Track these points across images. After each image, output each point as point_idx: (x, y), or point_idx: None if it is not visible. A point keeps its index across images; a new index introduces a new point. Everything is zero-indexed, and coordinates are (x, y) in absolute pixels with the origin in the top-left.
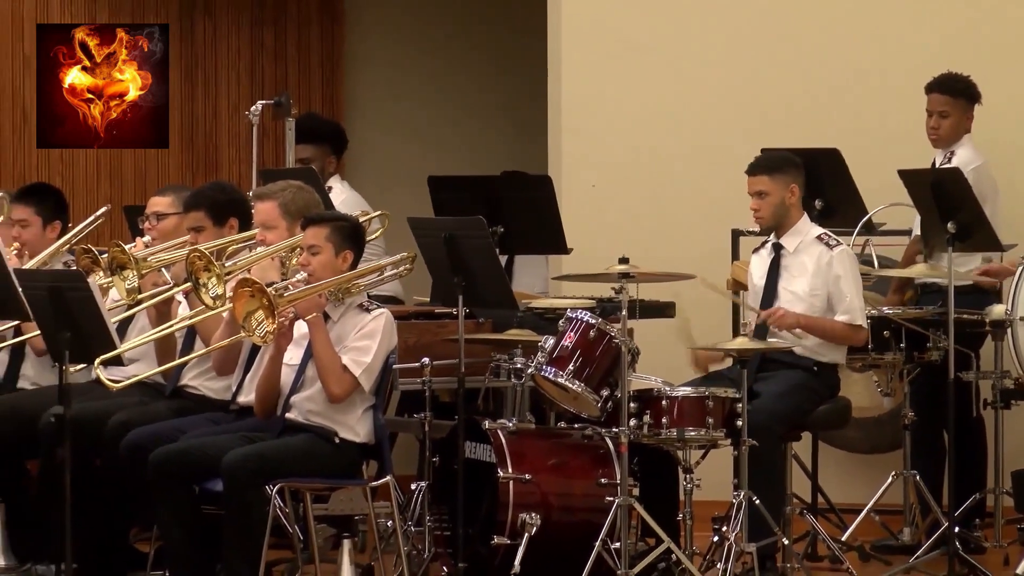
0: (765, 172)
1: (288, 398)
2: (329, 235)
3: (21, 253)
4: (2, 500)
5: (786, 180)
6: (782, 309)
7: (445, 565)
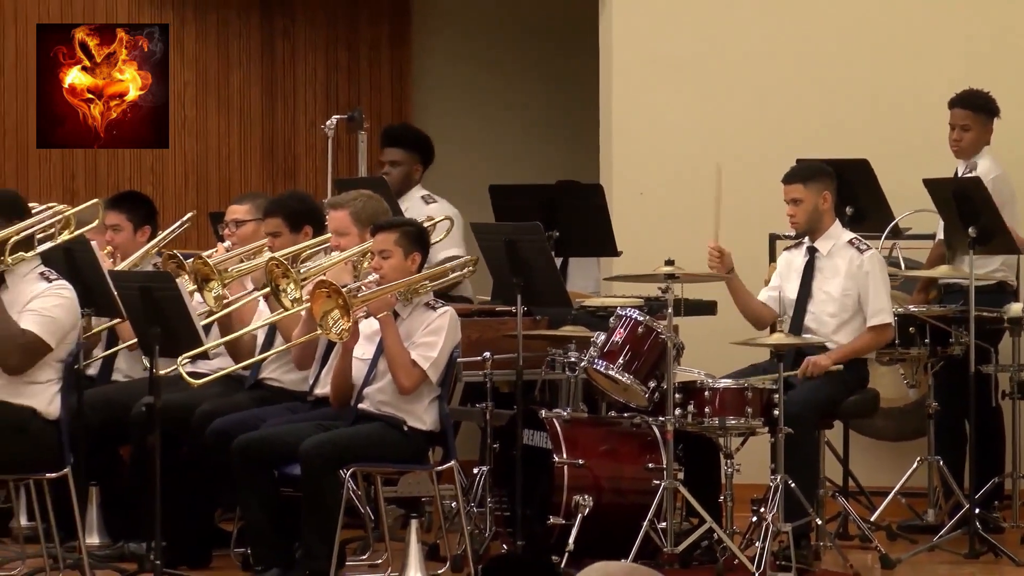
0: (800, 181)
1: (361, 390)
2: (398, 239)
3: (113, 255)
4: (97, 483)
5: (819, 188)
6: (813, 358)
7: (505, 543)
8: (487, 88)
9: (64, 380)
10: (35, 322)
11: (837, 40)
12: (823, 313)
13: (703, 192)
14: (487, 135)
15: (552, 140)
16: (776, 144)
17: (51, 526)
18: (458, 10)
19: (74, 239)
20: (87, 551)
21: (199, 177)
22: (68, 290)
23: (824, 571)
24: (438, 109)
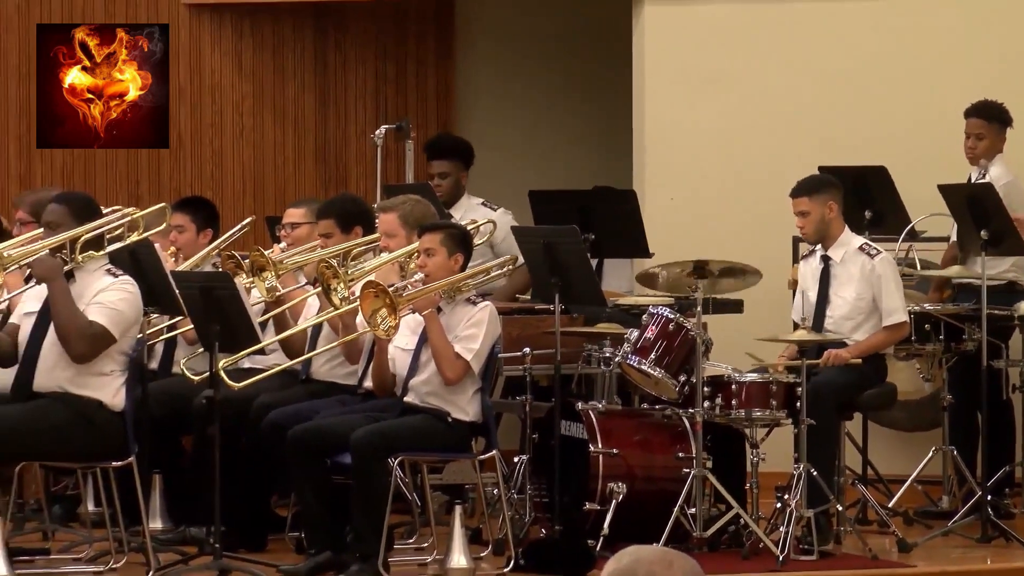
0: (805, 194)
1: (406, 382)
2: (443, 240)
3: (176, 256)
4: (160, 471)
5: (824, 199)
6: (834, 351)
7: (543, 528)
8: (526, 99)
9: (128, 373)
10: (101, 314)
11: (857, 55)
12: (840, 316)
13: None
14: (526, 143)
15: (588, 148)
16: (799, 152)
17: (116, 512)
18: (499, 26)
19: (139, 241)
20: (150, 535)
21: (256, 183)
22: (132, 285)
23: (844, 554)
24: (480, 119)
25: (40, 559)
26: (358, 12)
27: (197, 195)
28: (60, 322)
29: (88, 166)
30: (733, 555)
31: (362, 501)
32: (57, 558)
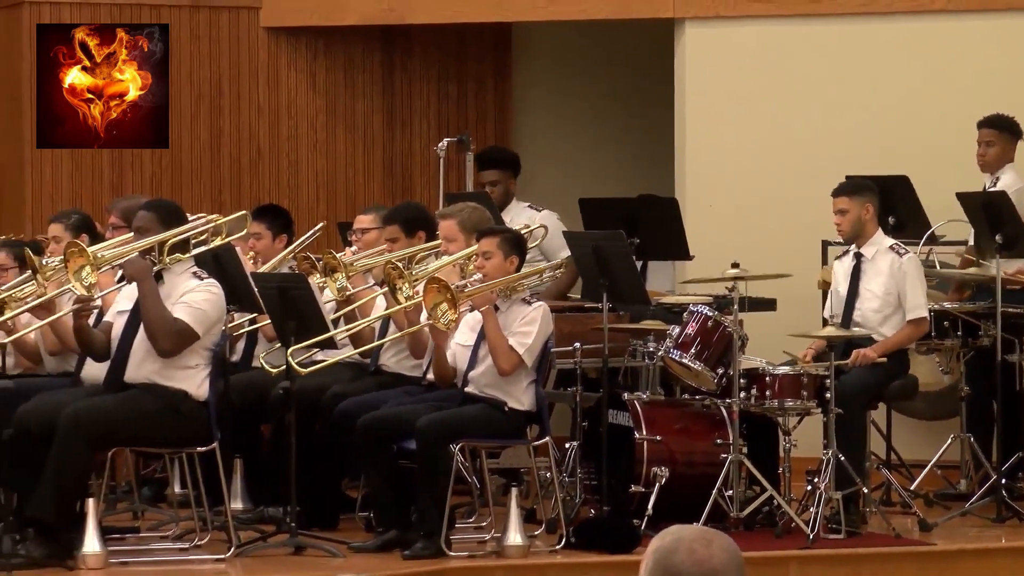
0: (846, 194)
1: (466, 374)
2: (500, 244)
3: (255, 260)
4: (241, 456)
5: (862, 200)
6: (862, 351)
7: (592, 508)
8: (577, 114)
9: (212, 366)
10: (186, 312)
11: (881, 73)
12: (868, 309)
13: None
14: (577, 155)
15: (633, 159)
16: (828, 162)
17: (201, 493)
18: (551, 48)
19: (222, 245)
20: (232, 515)
21: (329, 192)
22: (216, 287)
23: (870, 533)
24: (534, 133)
25: (130, 537)
26: (423, 36)
27: (273, 203)
28: (148, 320)
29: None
30: (767, 534)
31: (426, 483)
32: (146, 536)
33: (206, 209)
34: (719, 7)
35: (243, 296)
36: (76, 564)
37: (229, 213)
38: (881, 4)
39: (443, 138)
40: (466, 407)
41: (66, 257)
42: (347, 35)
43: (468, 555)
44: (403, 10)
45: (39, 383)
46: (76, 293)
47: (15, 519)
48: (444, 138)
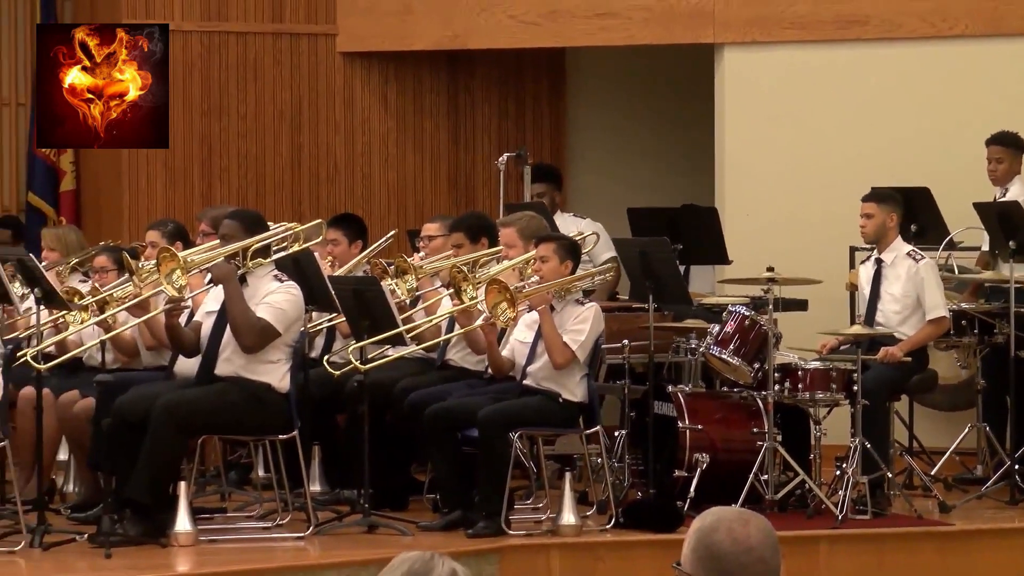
0: (874, 200)
1: (524, 369)
2: (556, 249)
3: (333, 264)
4: (319, 443)
5: (888, 209)
6: (890, 349)
7: (639, 491)
8: (626, 130)
9: (293, 361)
10: (268, 312)
11: (903, 93)
12: (889, 310)
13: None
14: (626, 168)
15: (677, 172)
16: (854, 175)
17: (283, 477)
18: (602, 70)
19: (302, 250)
20: (310, 496)
21: (399, 202)
22: (296, 289)
23: (894, 514)
24: (587, 148)
25: (218, 517)
26: (484, 60)
27: (349, 212)
28: (234, 319)
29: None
30: (799, 515)
31: (487, 468)
32: (232, 516)
33: (288, 218)
34: (755, 33)
35: (321, 297)
36: (169, 542)
37: (308, 222)
38: (903, 30)
39: (503, 153)
40: (524, 399)
41: (159, 261)
42: (416, 59)
43: (526, 534)
44: (467, 37)
45: (135, 376)
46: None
47: (114, 501)
48: (504, 153)
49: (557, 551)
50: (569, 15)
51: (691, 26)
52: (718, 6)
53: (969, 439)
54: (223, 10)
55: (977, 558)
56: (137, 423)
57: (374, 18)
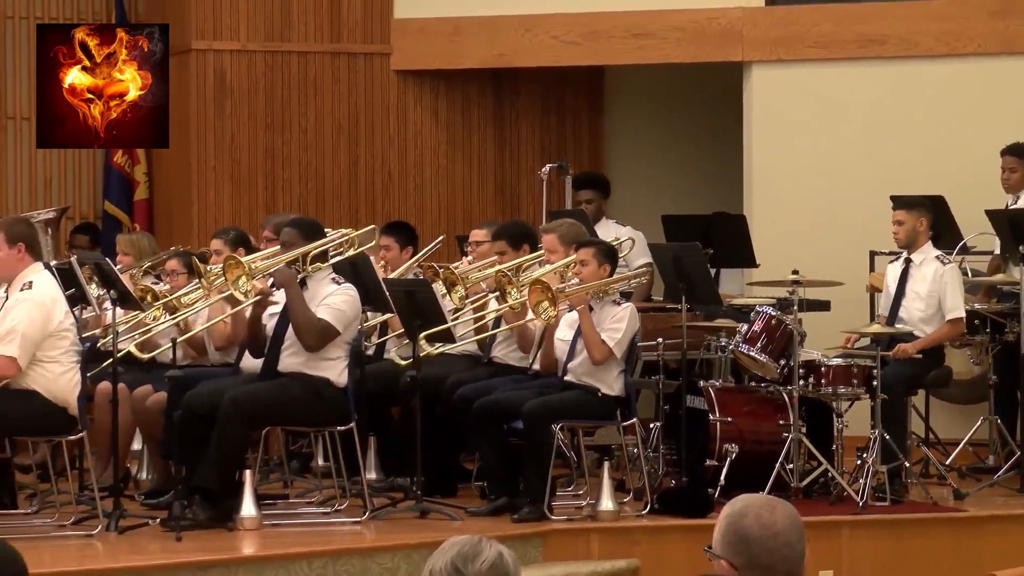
0: (904, 208)
1: (565, 365)
2: (595, 253)
3: (386, 268)
4: (374, 434)
5: (917, 215)
6: (904, 346)
7: (673, 479)
8: (660, 143)
9: (350, 358)
10: (327, 313)
11: (919, 107)
12: (913, 308)
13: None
14: (660, 178)
15: (708, 181)
16: (874, 185)
17: (341, 466)
18: (639, 86)
19: (358, 255)
20: (367, 484)
21: (448, 209)
22: (353, 291)
23: (911, 501)
24: (623, 158)
25: (281, 503)
26: (528, 77)
27: (401, 220)
28: (295, 320)
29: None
30: (823, 501)
31: (531, 458)
32: (294, 502)
33: (346, 225)
34: (781, 52)
35: (376, 298)
36: (235, 526)
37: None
38: (920, 48)
39: (545, 164)
40: (565, 393)
41: (225, 268)
42: (464, 77)
43: (567, 519)
44: (512, 56)
45: (204, 372)
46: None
47: (184, 487)
48: (546, 164)
49: (596, 535)
50: (607, 35)
51: (721, 45)
52: (746, 27)
53: (982, 431)
54: (285, 31)
55: (988, 542)
56: (206, 415)
57: (426, 38)
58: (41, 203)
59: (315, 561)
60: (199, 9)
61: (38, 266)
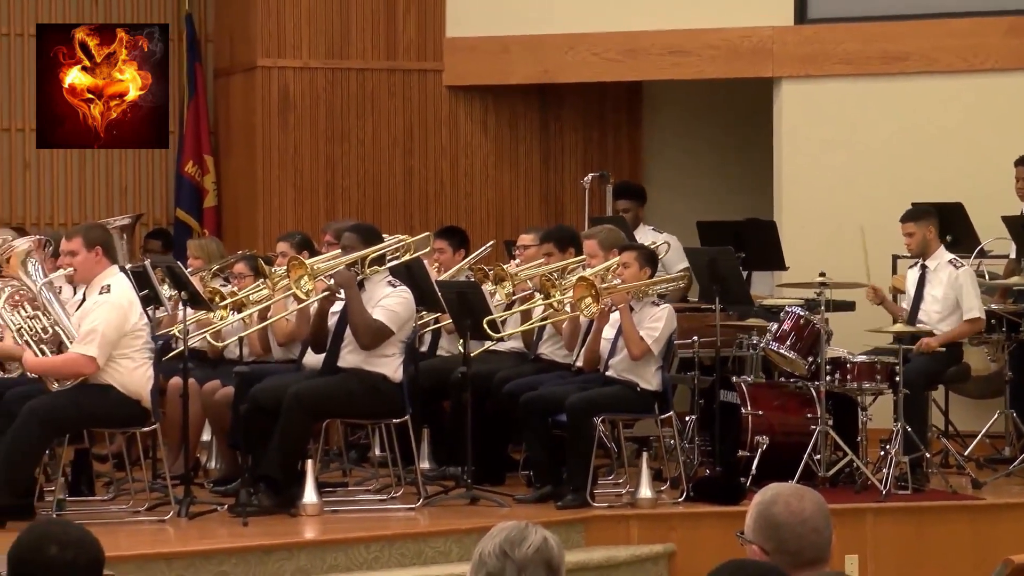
0: (911, 220)
1: (607, 361)
2: (636, 257)
3: (439, 270)
4: (428, 426)
5: (925, 224)
6: (926, 340)
7: (707, 469)
8: (695, 153)
9: (405, 355)
10: (383, 314)
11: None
12: (931, 311)
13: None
14: (695, 186)
15: (741, 190)
16: (897, 192)
17: (396, 456)
18: (675, 100)
19: (412, 259)
20: (420, 473)
21: (497, 216)
22: (407, 293)
23: (931, 490)
24: (661, 168)
25: (340, 490)
26: (571, 92)
27: (453, 225)
28: (353, 321)
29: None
30: (848, 490)
31: (574, 448)
32: (353, 489)
33: (401, 231)
34: (808, 69)
35: (429, 299)
36: (298, 512)
37: (418, 234)
38: (940, 65)
39: (587, 173)
40: (606, 388)
41: (289, 268)
42: (512, 92)
43: (608, 506)
44: (556, 72)
45: (269, 368)
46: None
47: (250, 476)
48: (588, 173)
49: (635, 521)
50: (645, 53)
51: (753, 62)
52: (776, 45)
53: (998, 424)
54: (345, 50)
55: (1005, 528)
56: (270, 408)
57: (475, 56)
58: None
59: (372, 545)
60: (264, 28)
61: (114, 269)
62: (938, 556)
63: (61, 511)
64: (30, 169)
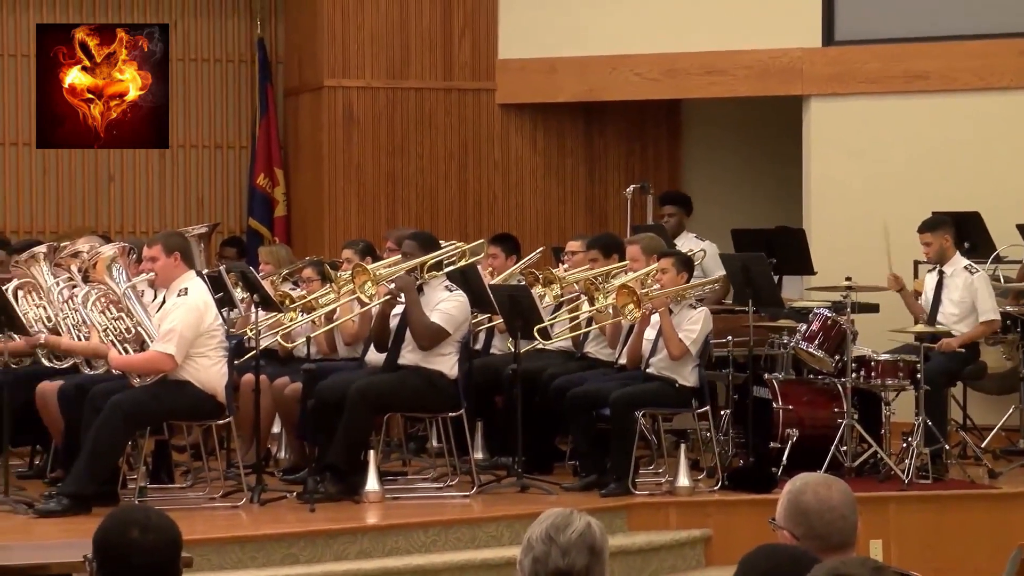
0: (928, 230)
1: (648, 360)
2: (674, 263)
3: (492, 274)
4: (481, 420)
5: (941, 232)
6: (947, 340)
7: (742, 459)
8: (730, 164)
9: (460, 354)
10: (440, 317)
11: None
12: (948, 312)
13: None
14: (730, 196)
15: (773, 200)
16: (918, 201)
17: (452, 447)
18: (712, 116)
19: (467, 264)
20: (474, 462)
21: (546, 224)
22: (462, 296)
23: (951, 479)
24: (698, 180)
25: (400, 479)
26: (614, 108)
27: (506, 232)
28: (412, 323)
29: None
30: (872, 479)
31: (617, 440)
32: (412, 478)
33: (456, 238)
34: (836, 87)
35: (483, 302)
36: (361, 499)
37: (473, 242)
38: (958, 83)
39: (629, 185)
40: (647, 384)
41: (353, 274)
42: (559, 109)
43: (648, 494)
44: (600, 91)
45: (334, 365)
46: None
47: (317, 465)
48: (630, 185)
49: (674, 508)
50: (684, 72)
51: (784, 81)
52: (805, 65)
53: (1013, 418)
54: (404, 71)
55: (1020, 516)
56: (336, 403)
57: (525, 76)
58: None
59: (430, 530)
60: (331, 51)
61: (191, 274)
62: (957, 541)
63: (143, 498)
64: (115, 182)
